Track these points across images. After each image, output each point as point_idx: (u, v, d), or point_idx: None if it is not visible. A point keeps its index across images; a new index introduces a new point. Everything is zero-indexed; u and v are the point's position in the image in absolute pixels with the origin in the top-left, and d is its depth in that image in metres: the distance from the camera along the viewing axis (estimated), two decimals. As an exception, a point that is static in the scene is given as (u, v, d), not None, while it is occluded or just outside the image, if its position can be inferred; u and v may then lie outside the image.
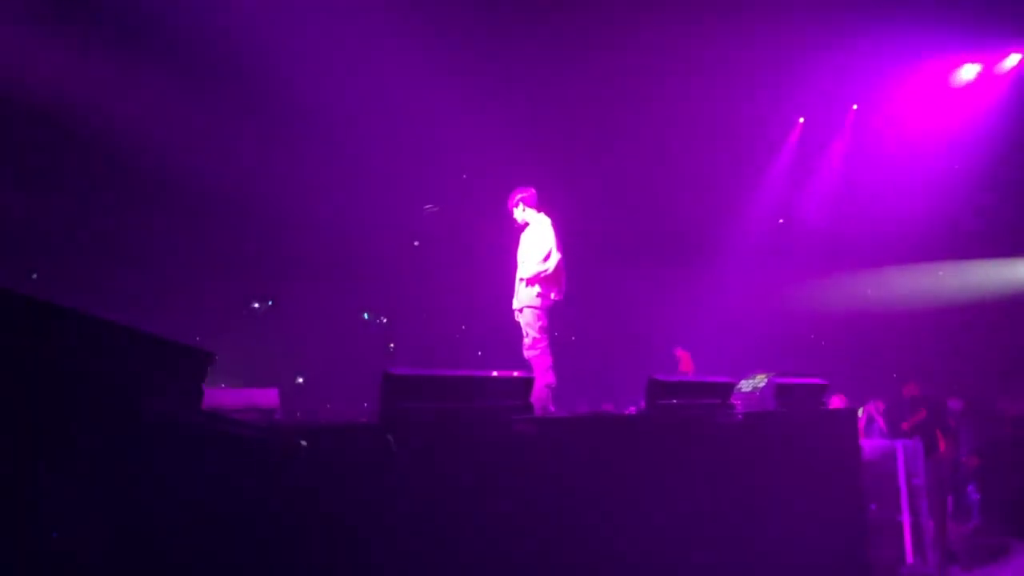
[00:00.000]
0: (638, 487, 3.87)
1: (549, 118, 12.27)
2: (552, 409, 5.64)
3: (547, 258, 5.78)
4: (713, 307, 13.18)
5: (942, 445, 7.98)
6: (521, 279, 5.85)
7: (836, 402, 8.02)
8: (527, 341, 5.80)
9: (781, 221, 14.60)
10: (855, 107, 13.11)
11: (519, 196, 6.06)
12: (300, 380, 13.52)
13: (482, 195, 11.53)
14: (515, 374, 3.69)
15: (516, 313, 5.91)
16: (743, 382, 6.35)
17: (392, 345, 14.81)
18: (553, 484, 3.48)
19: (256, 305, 13.82)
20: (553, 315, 5.91)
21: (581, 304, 12.21)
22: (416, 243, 14.56)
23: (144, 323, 2.49)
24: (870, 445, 7.45)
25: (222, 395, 4.74)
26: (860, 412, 8.70)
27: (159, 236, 10.71)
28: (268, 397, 4.70)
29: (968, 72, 12.24)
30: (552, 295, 5.84)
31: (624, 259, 13.83)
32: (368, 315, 15.15)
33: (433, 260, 13.82)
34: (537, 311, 5.76)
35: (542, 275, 5.76)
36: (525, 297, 5.80)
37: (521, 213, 6.07)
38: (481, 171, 12.52)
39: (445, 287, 13.59)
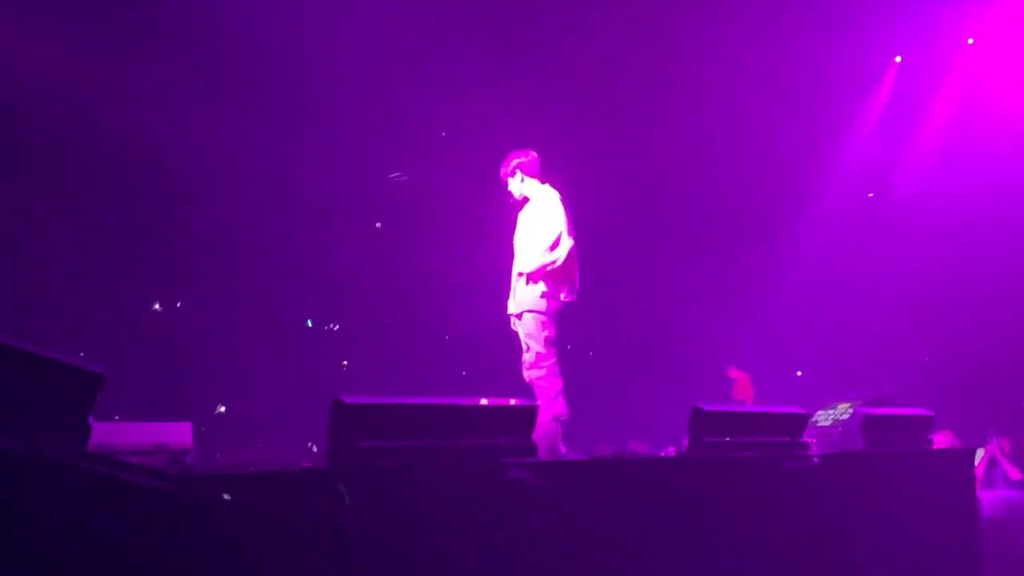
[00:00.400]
0: (679, 555, 3.87)
1: (558, 59, 12.25)
2: (563, 450, 5.65)
3: (555, 246, 5.79)
4: (779, 313, 13.19)
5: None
6: (520, 274, 5.86)
7: (943, 440, 8.06)
8: (529, 357, 5.80)
9: (871, 195, 14.62)
10: (971, 41, 13.11)
11: (516, 162, 6.07)
12: (222, 409, 13.52)
13: (467, 160, 11.53)
14: (512, 402, 3.69)
15: (514, 320, 5.93)
16: (819, 413, 6.41)
17: (345, 363, 14.81)
18: (563, 550, 3.47)
19: (158, 307, 13.78)
20: (563, 322, 5.92)
21: (601, 308, 12.27)
22: (378, 224, 14.56)
23: (9, 332, 2.48)
24: (991, 497, 7.49)
25: (117, 431, 4.75)
26: (979, 454, 8.74)
27: (28, 214, 10.67)
28: (179, 433, 4.73)
29: None
30: (562, 295, 5.84)
31: (658, 248, 13.84)
32: (312, 322, 15.14)
33: (400, 247, 13.82)
34: (542, 317, 5.77)
35: (548, 268, 5.77)
36: (526, 298, 5.81)
37: (519, 185, 6.07)
38: (465, 128, 12.52)
39: (417, 284, 13.60)
